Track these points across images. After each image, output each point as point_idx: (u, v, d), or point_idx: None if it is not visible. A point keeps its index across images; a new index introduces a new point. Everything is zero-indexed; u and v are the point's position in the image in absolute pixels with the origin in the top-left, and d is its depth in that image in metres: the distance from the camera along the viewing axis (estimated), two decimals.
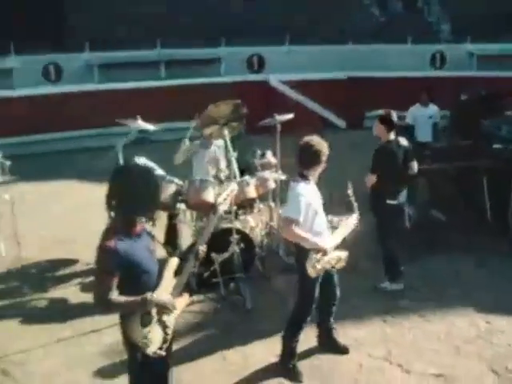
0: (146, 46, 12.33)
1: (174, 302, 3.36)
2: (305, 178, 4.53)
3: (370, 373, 4.56)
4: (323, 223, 4.56)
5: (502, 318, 5.27)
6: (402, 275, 5.70)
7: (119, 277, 3.23)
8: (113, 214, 3.35)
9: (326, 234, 4.55)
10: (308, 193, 4.47)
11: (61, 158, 10.30)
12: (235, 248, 5.70)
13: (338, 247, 4.54)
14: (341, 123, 12.33)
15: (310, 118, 11.96)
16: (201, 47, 12.58)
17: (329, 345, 4.84)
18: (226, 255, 5.73)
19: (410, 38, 12.90)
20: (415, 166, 5.86)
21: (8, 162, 6.35)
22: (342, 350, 4.80)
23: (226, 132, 6.09)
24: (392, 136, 5.76)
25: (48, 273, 6.31)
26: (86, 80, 11.99)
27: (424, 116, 7.70)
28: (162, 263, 3.50)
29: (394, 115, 5.79)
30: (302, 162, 4.55)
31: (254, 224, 6.29)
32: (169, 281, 3.45)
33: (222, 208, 3.83)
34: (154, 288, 3.33)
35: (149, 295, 3.24)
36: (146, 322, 3.28)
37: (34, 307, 5.66)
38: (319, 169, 4.57)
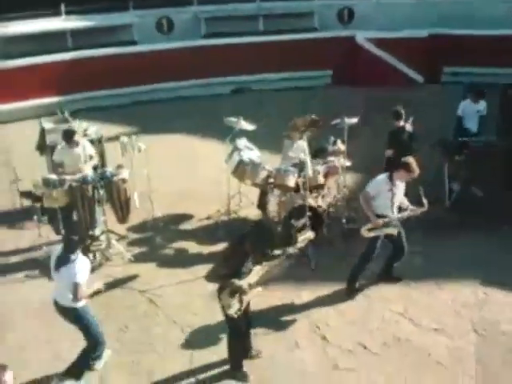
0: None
1: (248, 289, 5.73)
2: (391, 178, 6.87)
3: (389, 324, 6.94)
4: (387, 207, 6.93)
5: (500, 292, 7.37)
6: None
7: None
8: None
9: (389, 213, 6.92)
10: (381, 187, 6.86)
11: (179, 106, 12.79)
12: (306, 219, 8.04)
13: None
14: (419, 78, 13.92)
15: (391, 73, 13.72)
16: (295, 0, 14.39)
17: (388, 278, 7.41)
18: (300, 223, 8.08)
19: None
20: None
21: (143, 146, 8.68)
22: (397, 280, 7.39)
23: (304, 136, 8.26)
24: (401, 123, 8.25)
25: (172, 225, 8.96)
26: (194, 32, 14.18)
27: (473, 110, 9.43)
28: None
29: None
30: (397, 168, 6.91)
31: (323, 200, 8.58)
32: (255, 274, 5.84)
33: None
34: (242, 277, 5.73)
35: (236, 281, 5.67)
36: (230, 295, 5.73)
37: (164, 255, 8.34)
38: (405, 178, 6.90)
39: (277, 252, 6.24)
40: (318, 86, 13.70)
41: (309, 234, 6.32)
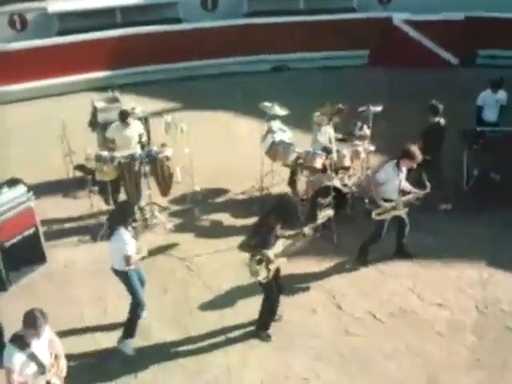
0: None
1: (273, 258, 6.72)
2: (398, 165, 7.78)
3: (397, 296, 7.89)
4: (394, 192, 7.87)
5: (504, 274, 8.21)
6: None
7: None
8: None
9: (395, 197, 7.88)
10: (389, 173, 7.81)
11: (220, 82, 13.79)
12: (331, 198, 8.97)
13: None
14: (454, 60, 14.51)
15: (427, 55, 14.35)
16: None
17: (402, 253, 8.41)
18: (325, 201, 9.02)
19: None
20: None
21: (185, 126, 9.67)
22: (411, 256, 8.35)
23: (331, 122, 9.15)
24: (436, 118, 8.98)
25: (210, 199, 10.00)
26: (237, 10, 15.01)
27: (492, 100, 10.07)
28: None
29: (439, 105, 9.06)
30: (401, 156, 7.76)
31: (347, 181, 9.50)
32: (280, 246, 6.84)
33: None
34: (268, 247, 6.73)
35: (263, 251, 6.66)
36: (258, 263, 6.74)
37: (201, 226, 9.41)
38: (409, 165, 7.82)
39: (299, 227, 7.17)
40: (355, 66, 14.45)
41: (328, 212, 7.26)
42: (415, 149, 7.82)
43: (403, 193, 8.05)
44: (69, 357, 6.08)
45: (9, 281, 8.11)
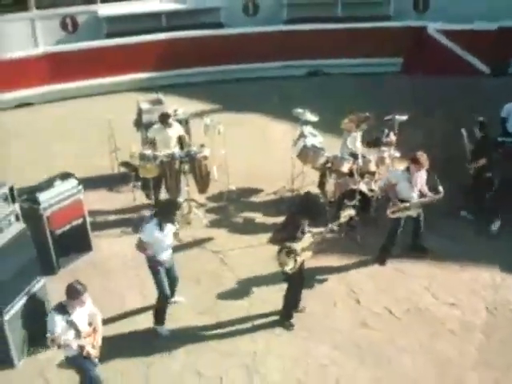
0: None
1: (300, 251, 7.45)
2: (407, 169, 8.55)
3: (413, 295, 8.54)
4: (407, 193, 8.63)
5: None
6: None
7: None
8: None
9: (410, 198, 8.62)
10: (399, 177, 8.63)
11: (258, 86, 14.60)
12: (356, 201, 9.64)
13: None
14: (485, 69, 15.00)
15: (459, 64, 14.87)
16: None
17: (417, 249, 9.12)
18: (351, 203, 9.70)
19: None
20: None
21: (222, 128, 10.44)
22: (425, 250, 9.07)
23: (359, 129, 9.85)
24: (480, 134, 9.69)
25: (244, 198, 10.79)
26: (277, 16, 15.77)
27: None
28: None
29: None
30: (410, 162, 8.54)
31: (375, 185, 10.16)
32: (306, 241, 7.56)
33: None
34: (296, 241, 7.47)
35: (291, 244, 7.40)
36: (286, 255, 7.48)
37: (235, 222, 10.20)
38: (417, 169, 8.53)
39: (324, 223, 7.88)
40: (388, 73, 15.07)
41: (350, 211, 7.96)
42: (421, 155, 8.55)
43: (421, 195, 8.74)
44: (109, 336, 6.93)
45: (58, 265, 9.01)
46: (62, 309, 6.37)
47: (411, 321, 8.19)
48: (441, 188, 8.75)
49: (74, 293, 6.36)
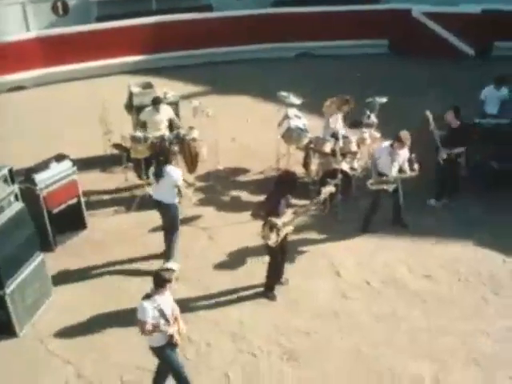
0: None
1: (282, 226, 8.15)
2: (391, 145, 9.29)
3: (390, 267, 9.27)
4: (386, 168, 9.39)
5: (487, 252, 9.47)
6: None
7: None
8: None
9: (388, 173, 9.40)
10: (382, 151, 9.38)
11: (248, 67, 15.28)
12: (338, 180, 10.33)
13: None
14: (470, 52, 15.66)
15: (444, 46, 15.53)
16: None
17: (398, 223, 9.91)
18: (333, 182, 10.38)
19: None
20: None
21: (211, 112, 11.06)
22: (406, 225, 9.89)
23: (340, 111, 10.53)
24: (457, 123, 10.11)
25: (231, 177, 11.48)
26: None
27: (494, 96, 11.25)
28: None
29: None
30: (395, 139, 9.23)
31: (357, 164, 10.87)
32: (288, 215, 8.26)
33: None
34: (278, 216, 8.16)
35: (274, 219, 8.08)
36: (269, 229, 8.18)
37: (222, 200, 10.89)
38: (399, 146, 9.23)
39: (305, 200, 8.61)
40: (375, 55, 15.74)
41: (330, 188, 8.66)
42: (405, 134, 9.25)
43: (401, 171, 9.53)
44: (105, 309, 7.69)
45: (55, 242, 9.70)
46: (151, 298, 6.61)
47: (387, 292, 8.93)
48: (416, 166, 9.44)
49: (162, 281, 6.61)
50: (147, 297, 6.69)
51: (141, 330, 6.64)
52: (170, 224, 9.07)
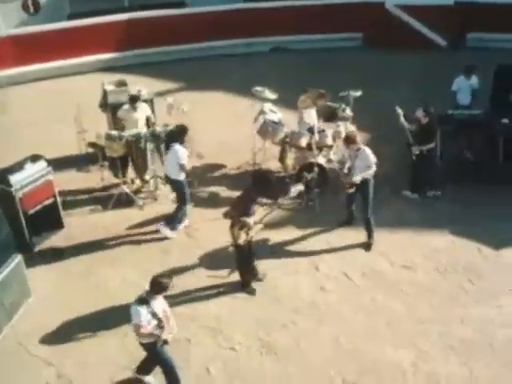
0: None
1: (252, 225, 8.26)
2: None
3: (369, 259, 9.44)
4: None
5: (464, 241, 9.66)
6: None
7: None
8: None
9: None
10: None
11: (222, 63, 15.39)
12: (314, 174, 10.46)
13: None
14: (443, 43, 15.89)
15: (417, 38, 15.72)
16: None
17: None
18: (309, 176, 10.52)
19: None
20: None
21: (186, 108, 11.13)
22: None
23: (314, 105, 10.66)
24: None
25: (208, 173, 11.56)
26: None
27: (466, 85, 11.49)
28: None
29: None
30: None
31: (334, 157, 11.01)
32: (258, 215, 8.36)
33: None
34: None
35: (244, 218, 8.19)
36: (240, 229, 8.28)
37: (200, 197, 10.95)
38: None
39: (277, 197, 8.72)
40: (349, 48, 15.89)
41: (299, 187, 8.81)
42: (349, 136, 9.38)
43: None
44: (86, 307, 7.70)
45: (32, 243, 9.70)
46: (144, 301, 6.79)
47: (367, 283, 9.08)
48: (372, 161, 9.34)
49: (160, 288, 6.79)
50: (141, 300, 6.81)
51: (136, 334, 6.84)
52: (178, 197, 9.93)
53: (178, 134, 9.68)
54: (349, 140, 9.29)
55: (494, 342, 8.03)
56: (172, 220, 9.90)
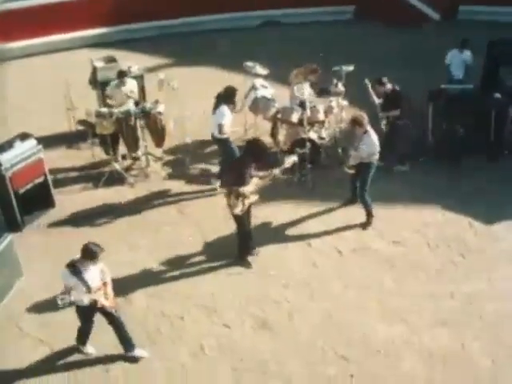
0: None
1: (248, 194, 8.30)
2: None
3: (360, 235, 9.51)
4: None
5: (454, 215, 9.78)
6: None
7: None
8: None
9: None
10: None
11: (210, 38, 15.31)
12: (307, 149, 10.48)
13: None
14: (435, 16, 15.83)
15: (409, 11, 15.67)
16: None
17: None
18: (301, 151, 10.54)
19: None
20: None
21: (176, 85, 11.09)
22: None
23: (306, 80, 10.64)
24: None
25: (199, 150, 11.55)
26: None
27: (459, 59, 11.50)
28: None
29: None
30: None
31: (325, 133, 11.02)
32: (253, 184, 8.40)
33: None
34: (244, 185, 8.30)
35: (238, 187, 8.23)
36: (235, 198, 8.32)
37: (191, 173, 10.98)
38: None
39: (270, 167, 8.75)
40: (340, 21, 15.82)
41: (293, 158, 8.87)
42: (356, 117, 9.19)
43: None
44: None
45: (23, 223, 9.72)
46: (74, 267, 6.88)
47: (358, 259, 9.16)
48: (376, 149, 9.30)
49: (89, 254, 6.85)
50: (71, 265, 6.92)
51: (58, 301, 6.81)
52: (223, 154, 10.27)
53: (226, 96, 9.86)
54: (355, 122, 9.12)
55: (484, 315, 8.14)
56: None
